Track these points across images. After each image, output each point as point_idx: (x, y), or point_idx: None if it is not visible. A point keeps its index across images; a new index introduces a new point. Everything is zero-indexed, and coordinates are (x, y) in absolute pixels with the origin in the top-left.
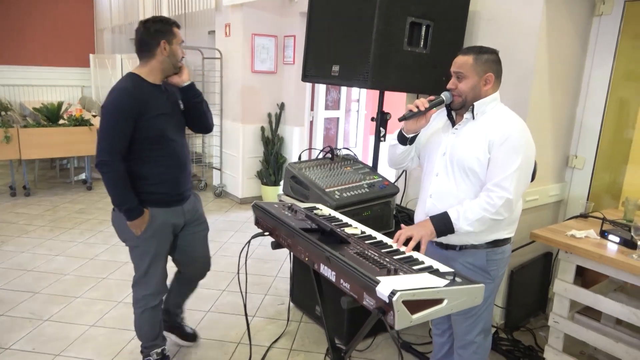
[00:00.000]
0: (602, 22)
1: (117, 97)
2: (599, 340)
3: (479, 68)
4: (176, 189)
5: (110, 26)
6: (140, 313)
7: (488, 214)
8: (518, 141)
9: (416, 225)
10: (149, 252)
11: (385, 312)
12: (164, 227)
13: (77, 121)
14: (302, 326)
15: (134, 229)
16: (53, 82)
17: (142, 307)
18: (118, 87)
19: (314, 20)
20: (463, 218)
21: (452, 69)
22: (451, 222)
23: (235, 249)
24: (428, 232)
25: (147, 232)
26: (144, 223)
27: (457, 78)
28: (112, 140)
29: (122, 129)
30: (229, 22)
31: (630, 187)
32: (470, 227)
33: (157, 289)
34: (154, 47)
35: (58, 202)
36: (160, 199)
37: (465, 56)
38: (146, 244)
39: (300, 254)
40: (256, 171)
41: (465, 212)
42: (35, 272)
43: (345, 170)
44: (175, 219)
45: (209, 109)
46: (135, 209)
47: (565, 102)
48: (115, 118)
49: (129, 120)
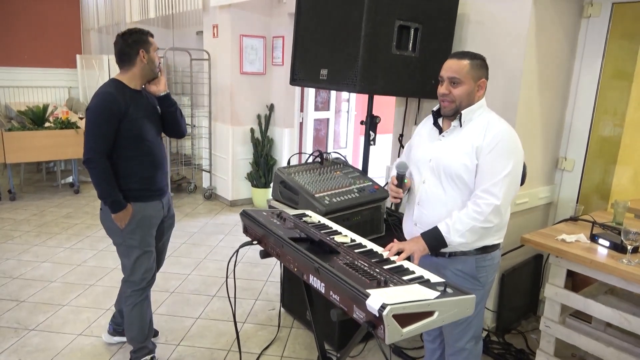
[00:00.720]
0: (590, 24)
1: (102, 100)
2: (590, 344)
3: (474, 73)
4: (155, 184)
5: (96, 27)
6: (130, 310)
7: (477, 222)
8: (508, 147)
9: (409, 241)
10: (133, 245)
11: (376, 325)
12: (146, 220)
13: (64, 124)
14: (293, 332)
15: (118, 221)
16: (39, 83)
17: (132, 304)
18: (103, 91)
19: (301, 23)
20: (453, 230)
21: (446, 75)
22: (442, 237)
23: (225, 253)
24: (420, 248)
25: (131, 225)
26: (127, 215)
27: (451, 84)
28: (97, 140)
29: (106, 129)
30: (216, 23)
31: (618, 188)
32: (462, 238)
33: (144, 281)
34: (133, 56)
35: (44, 207)
36: (141, 194)
37: (461, 61)
38: (130, 237)
39: (290, 264)
40: (246, 173)
41: (455, 224)
42: (21, 279)
43: (335, 174)
44: (157, 211)
45: (182, 116)
46: (119, 202)
47: (554, 104)
48: (100, 119)
49: (113, 121)
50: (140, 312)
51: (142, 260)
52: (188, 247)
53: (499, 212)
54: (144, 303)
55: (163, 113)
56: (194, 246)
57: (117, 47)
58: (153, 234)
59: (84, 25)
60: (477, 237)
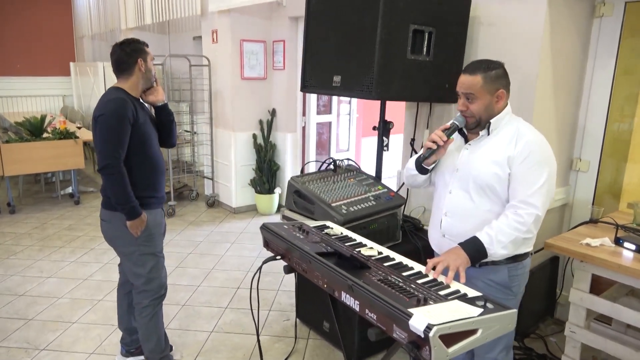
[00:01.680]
0: (603, 23)
1: (118, 106)
2: (618, 349)
3: (489, 86)
4: (159, 191)
5: (90, 34)
6: (148, 321)
7: (520, 233)
8: (541, 155)
9: (448, 254)
10: (149, 252)
11: (420, 346)
12: (157, 228)
13: (62, 134)
14: (310, 343)
15: (133, 229)
16: (33, 92)
17: (150, 314)
18: (113, 97)
19: (311, 28)
20: (496, 242)
21: (461, 90)
22: (484, 247)
23: (233, 262)
24: (464, 261)
25: (146, 232)
26: (143, 223)
27: (467, 99)
28: (116, 146)
29: (123, 135)
30: (215, 29)
31: (629, 187)
32: (504, 250)
33: (162, 288)
34: (132, 65)
35: (45, 219)
36: (150, 202)
37: (473, 76)
38: (146, 244)
39: (318, 280)
40: (249, 179)
41: (497, 235)
42: (27, 296)
43: (349, 182)
44: (162, 218)
45: (175, 127)
46: (137, 207)
47: (568, 105)
48: (118, 125)
49: (128, 127)
50: (157, 323)
51: (158, 267)
52: (195, 258)
53: (539, 222)
54: (160, 312)
55: (161, 122)
56: (200, 256)
57: (115, 56)
58: (162, 240)
59: (77, 33)
60: (516, 248)
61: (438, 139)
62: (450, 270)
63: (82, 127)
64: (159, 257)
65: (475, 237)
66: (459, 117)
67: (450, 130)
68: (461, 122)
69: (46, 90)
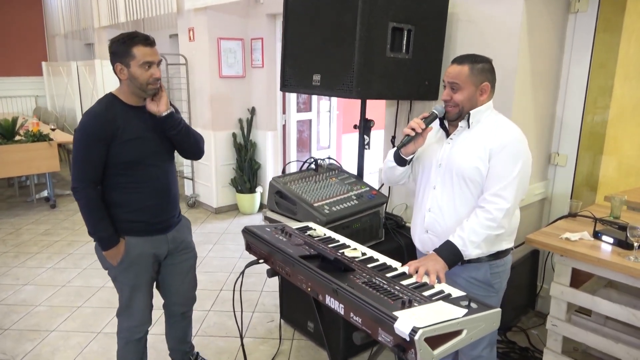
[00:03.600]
0: (578, 19)
1: (86, 121)
2: (598, 341)
3: (475, 78)
4: (157, 216)
5: (62, 32)
6: (124, 345)
7: (492, 230)
8: (516, 148)
9: (426, 259)
10: (127, 283)
11: (406, 349)
12: (142, 258)
13: (35, 137)
14: (295, 344)
15: (109, 259)
16: (4, 92)
17: (126, 339)
18: (89, 110)
19: (289, 28)
20: (469, 243)
21: (447, 79)
22: (459, 251)
23: (216, 264)
24: (442, 266)
25: (124, 263)
26: (119, 254)
27: (452, 89)
28: (82, 166)
29: (91, 154)
30: (192, 26)
31: (605, 179)
32: (478, 249)
33: (141, 321)
34: (115, 70)
35: (20, 224)
36: (139, 228)
37: (460, 66)
38: (123, 275)
39: (302, 283)
40: (230, 179)
41: (469, 236)
42: (3, 305)
43: (331, 181)
44: (156, 249)
45: (194, 135)
46: (109, 238)
47: (546, 99)
48: (84, 143)
49: (99, 145)
50: (135, 349)
51: (137, 301)
52: None
53: (509, 214)
54: (141, 340)
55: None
56: None
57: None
58: (151, 271)
59: (49, 31)
60: (491, 246)
61: (416, 126)
62: (431, 274)
63: (56, 129)
64: (139, 292)
65: (448, 241)
66: (439, 107)
67: (429, 119)
68: (440, 111)
69: (18, 91)
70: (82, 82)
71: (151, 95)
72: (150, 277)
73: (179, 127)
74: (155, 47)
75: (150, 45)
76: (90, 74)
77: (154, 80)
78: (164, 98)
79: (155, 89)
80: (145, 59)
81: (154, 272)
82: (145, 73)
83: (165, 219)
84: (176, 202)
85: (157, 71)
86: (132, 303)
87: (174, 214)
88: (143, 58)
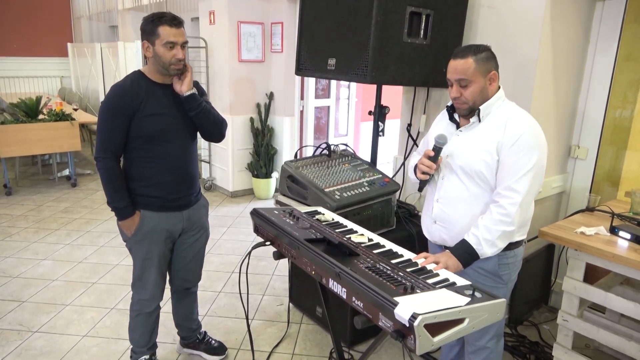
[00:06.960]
0: (606, 7)
1: (111, 94)
2: (610, 338)
3: (482, 68)
4: (173, 193)
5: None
6: (135, 316)
7: (506, 226)
8: (530, 141)
9: (442, 254)
10: (139, 255)
11: (405, 335)
12: (155, 232)
13: (58, 116)
14: (303, 328)
15: (124, 229)
16: (30, 73)
17: (137, 311)
18: (116, 84)
19: (306, 10)
20: (484, 241)
21: (453, 77)
22: (473, 249)
23: (229, 246)
24: (455, 264)
25: (137, 235)
26: (133, 225)
27: (460, 86)
28: (104, 137)
29: (114, 126)
30: (213, 10)
31: (628, 175)
32: (493, 247)
33: (152, 294)
34: (142, 46)
35: (42, 201)
36: (155, 203)
37: (464, 60)
38: (137, 247)
39: (306, 266)
40: (247, 163)
41: (483, 234)
42: (21, 278)
43: (343, 167)
44: (171, 225)
45: (216, 118)
46: (124, 209)
47: (568, 91)
48: (107, 115)
49: (122, 118)
50: (145, 322)
51: (148, 274)
52: None
53: (525, 208)
54: (152, 314)
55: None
56: None
57: None
58: (164, 247)
59: (75, 13)
60: (507, 242)
61: (428, 170)
62: (439, 265)
63: (78, 109)
64: (150, 266)
65: (463, 240)
66: (440, 137)
67: (435, 154)
68: (444, 142)
69: (43, 72)
70: (105, 63)
71: (176, 74)
72: (163, 252)
73: (198, 109)
74: (182, 29)
75: (177, 26)
76: (113, 55)
77: (176, 60)
78: (187, 79)
79: (179, 70)
80: (168, 39)
81: (167, 248)
82: (168, 53)
83: (181, 196)
84: (194, 181)
85: (180, 52)
86: (143, 275)
87: (192, 192)
88: (167, 38)
